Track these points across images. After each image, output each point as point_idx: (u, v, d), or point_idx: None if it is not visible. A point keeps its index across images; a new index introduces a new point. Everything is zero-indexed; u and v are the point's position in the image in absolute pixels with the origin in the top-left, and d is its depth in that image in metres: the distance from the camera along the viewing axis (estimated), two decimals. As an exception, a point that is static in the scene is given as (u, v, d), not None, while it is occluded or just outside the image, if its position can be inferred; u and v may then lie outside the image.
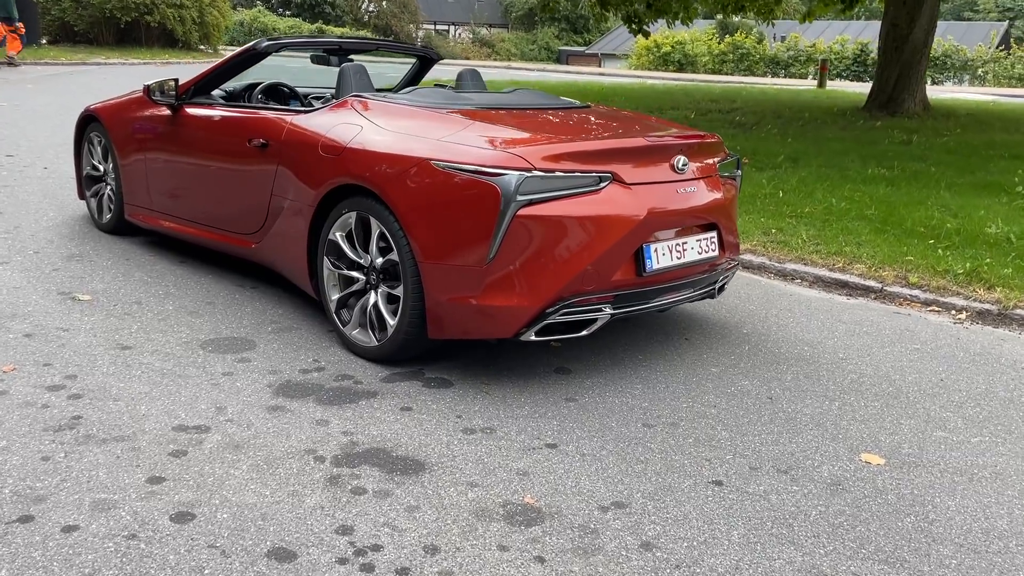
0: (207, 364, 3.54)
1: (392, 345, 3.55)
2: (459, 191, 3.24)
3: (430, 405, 3.28)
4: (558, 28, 62.16)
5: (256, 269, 4.79)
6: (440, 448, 2.94)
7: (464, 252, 3.25)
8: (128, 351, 3.64)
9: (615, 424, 3.19)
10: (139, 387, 3.29)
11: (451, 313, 3.34)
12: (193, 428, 2.98)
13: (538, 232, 3.20)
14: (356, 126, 3.70)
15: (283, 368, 3.55)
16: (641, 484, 2.77)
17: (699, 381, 3.65)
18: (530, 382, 3.54)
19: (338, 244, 3.73)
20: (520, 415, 3.23)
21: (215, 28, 29.52)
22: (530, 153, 3.25)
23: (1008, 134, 10.61)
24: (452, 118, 3.66)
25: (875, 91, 12.56)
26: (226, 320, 4.08)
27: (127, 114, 5.13)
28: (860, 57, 29.30)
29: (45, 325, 3.87)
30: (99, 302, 4.23)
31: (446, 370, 3.62)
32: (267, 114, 4.19)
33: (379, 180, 3.43)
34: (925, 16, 11.88)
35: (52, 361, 3.48)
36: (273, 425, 3.04)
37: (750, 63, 31.39)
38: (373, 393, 3.36)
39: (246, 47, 4.59)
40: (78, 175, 5.80)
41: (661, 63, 32.43)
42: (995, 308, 4.75)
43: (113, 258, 4.99)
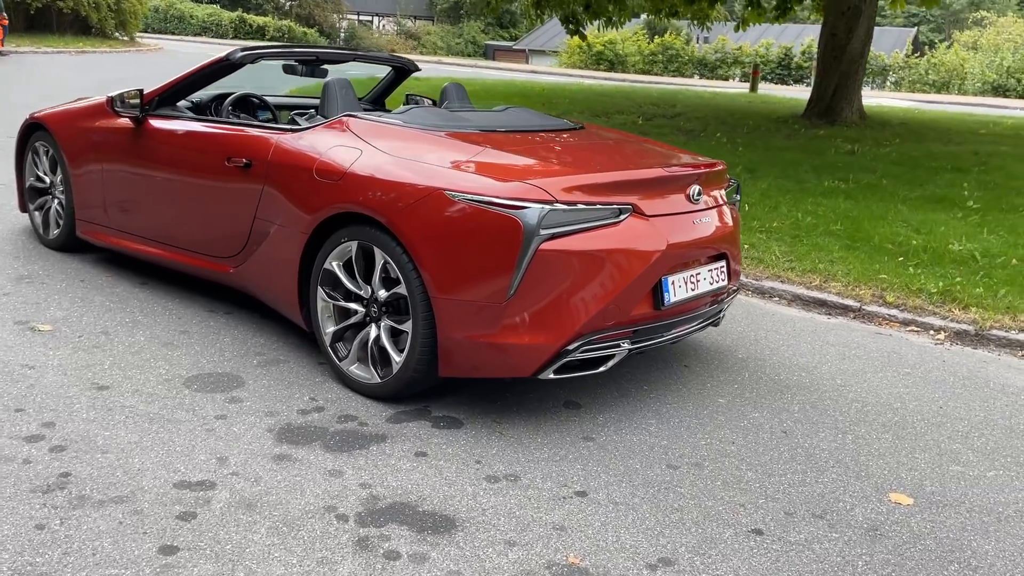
0: (196, 406, 3.29)
1: (397, 383, 3.36)
2: (476, 224, 3.08)
3: (445, 449, 3.11)
4: (484, 22, 61.97)
5: (225, 292, 4.52)
6: (467, 500, 2.78)
7: (482, 287, 3.09)
8: (106, 392, 3.35)
9: (639, 466, 3.09)
10: (127, 435, 3.02)
11: (466, 351, 3.18)
12: (196, 484, 2.75)
13: (560, 267, 3.07)
14: (355, 150, 3.48)
15: (279, 409, 3.33)
16: (682, 536, 2.67)
17: (711, 414, 3.57)
18: (542, 419, 3.40)
19: (335, 274, 3.51)
20: (540, 458, 3.09)
21: (132, 15, 28.39)
22: (550, 184, 3.10)
23: (943, 145, 10.94)
24: (458, 144, 3.48)
25: (814, 99, 12.82)
26: (205, 352, 3.81)
27: (80, 123, 4.77)
28: (784, 61, 30.03)
29: (7, 362, 3.54)
30: (61, 333, 3.91)
31: (453, 407, 3.45)
32: (249, 131, 3.93)
33: (386, 210, 3.24)
34: (862, 27, 12.17)
35: (24, 406, 3.17)
36: (283, 478, 2.83)
37: (679, 64, 31.82)
38: (382, 436, 3.17)
39: (219, 57, 4.31)
40: (19, 186, 5.39)
41: (592, 62, 32.59)
42: (972, 328, 4.84)
43: (67, 280, 4.64)
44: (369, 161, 3.41)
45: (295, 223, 3.61)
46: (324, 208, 3.47)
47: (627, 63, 31.94)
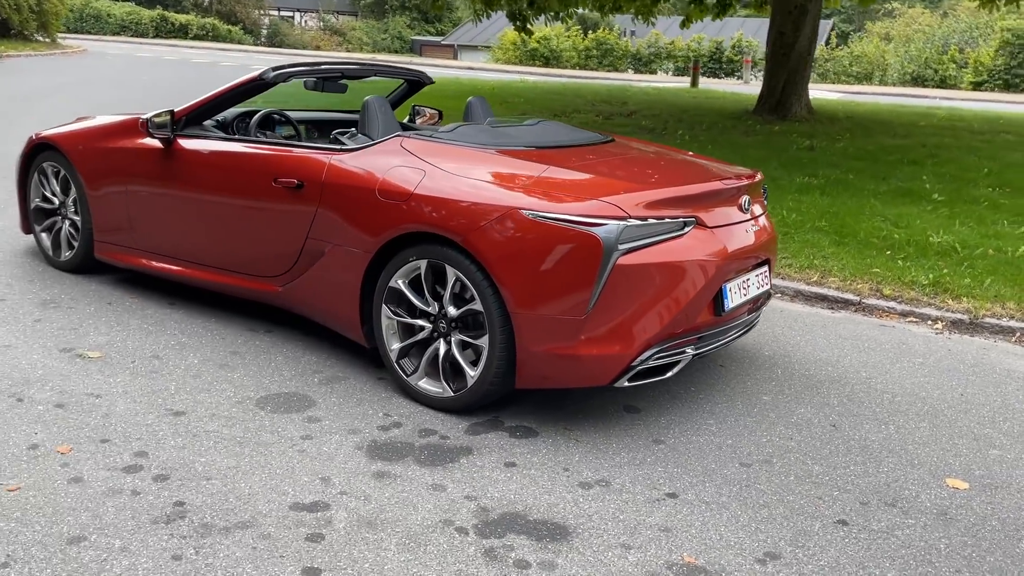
0: (277, 427, 3.34)
1: (472, 395, 3.46)
2: (555, 241, 3.20)
3: (530, 458, 3.23)
4: (409, 17, 61.57)
5: (259, 310, 4.54)
6: (570, 507, 2.91)
7: (562, 302, 3.21)
8: (183, 417, 3.37)
9: (715, 465, 3.26)
10: (223, 460, 3.06)
11: (545, 363, 3.30)
12: (311, 506, 2.81)
13: (636, 279, 3.22)
14: (418, 170, 3.57)
15: (359, 426, 3.40)
16: (777, 531, 2.85)
17: (761, 412, 3.77)
18: (608, 424, 3.55)
19: (401, 292, 3.59)
20: (621, 463, 3.24)
21: (54, 16, 27.37)
22: (623, 201, 3.25)
23: (891, 138, 11.46)
24: (519, 163, 3.60)
25: (764, 95, 13.26)
26: (264, 373, 3.85)
27: (99, 144, 4.71)
28: (716, 55, 30.78)
29: (71, 391, 3.52)
30: (112, 359, 3.88)
31: (522, 417, 3.57)
32: (297, 151, 3.96)
33: (461, 229, 3.33)
34: (808, 26, 12.64)
35: (108, 436, 3.17)
36: (391, 495, 2.91)
37: (613, 59, 32.29)
38: (467, 449, 3.28)
39: (251, 76, 4.32)
40: (23, 208, 5.28)
41: (527, 58, 32.81)
42: (967, 318, 5.17)
43: (94, 303, 4.58)
44: (436, 181, 3.49)
45: (357, 243, 3.67)
46: (390, 228, 3.54)
47: (562, 59, 32.26)
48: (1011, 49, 27.75)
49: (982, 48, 29.55)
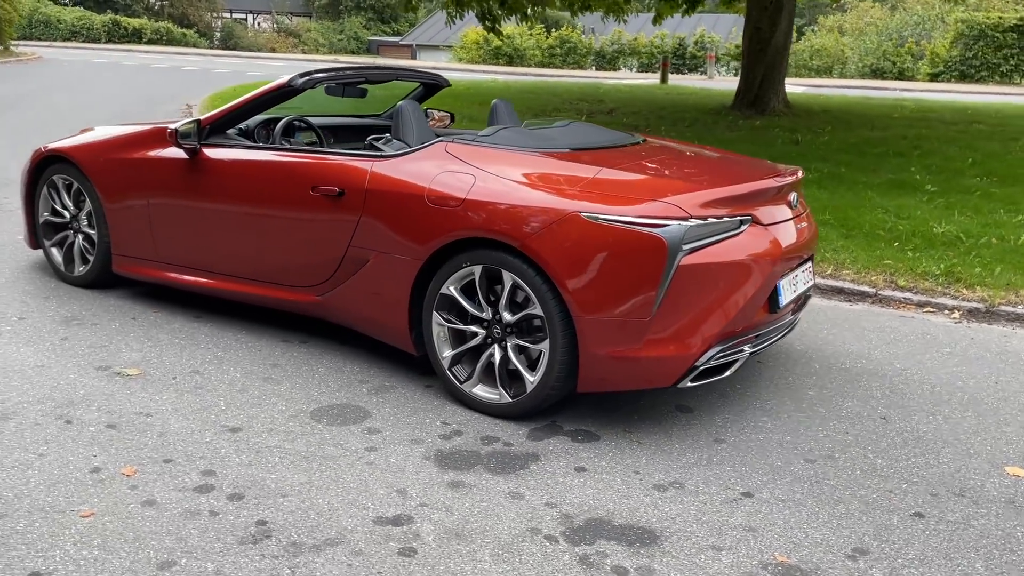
0: (339, 440, 3.28)
1: (531, 401, 3.44)
2: (618, 244, 3.19)
3: (599, 463, 3.22)
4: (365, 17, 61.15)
5: (288, 320, 4.47)
6: (651, 511, 2.90)
7: (626, 304, 3.20)
8: (241, 433, 3.30)
9: (780, 463, 3.28)
10: (294, 476, 3.00)
11: (609, 366, 3.29)
12: (395, 519, 2.76)
13: (698, 279, 3.22)
14: (467, 175, 3.53)
15: (421, 436, 3.35)
16: (858, 526, 2.87)
17: (810, 407, 3.80)
18: (665, 425, 3.55)
19: (453, 298, 3.55)
20: (689, 463, 3.24)
21: (7, 23, 26.67)
22: (683, 201, 3.25)
23: (870, 131, 11.64)
24: (568, 165, 3.58)
25: (742, 91, 13.39)
26: (310, 385, 3.78)
27: (116, 155, 4.59)
28: (679, 51, 31.03)
29: (119, 411, 3.42)
30: (152, 375, 3.79)
31: (578, 420, 3.56)
32: (335, 159, 3.90)
33: (518, 234, 3.30)
34: (784, 21, 12.79)
35: (170, 456, 3.09)
36: (470, 504, 2.88)
37: (577, 57, 32.39)
38: (533, 455, 3.25)
39: (279, 83, 4.24)
40: (29, 222, 5.12)
41: (491, 57, 32.76)
42: (982, 306, 5.27)
43: (117, 318, 4.47)
44: (488, 186, 3.46)
45: (405, 250, 3.62)
46: (442, 235, 3.50)
47: (526, 57, 32.28)
48: (966, 41, 28.39)
49: (937, 40, 30.20)
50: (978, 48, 28.33)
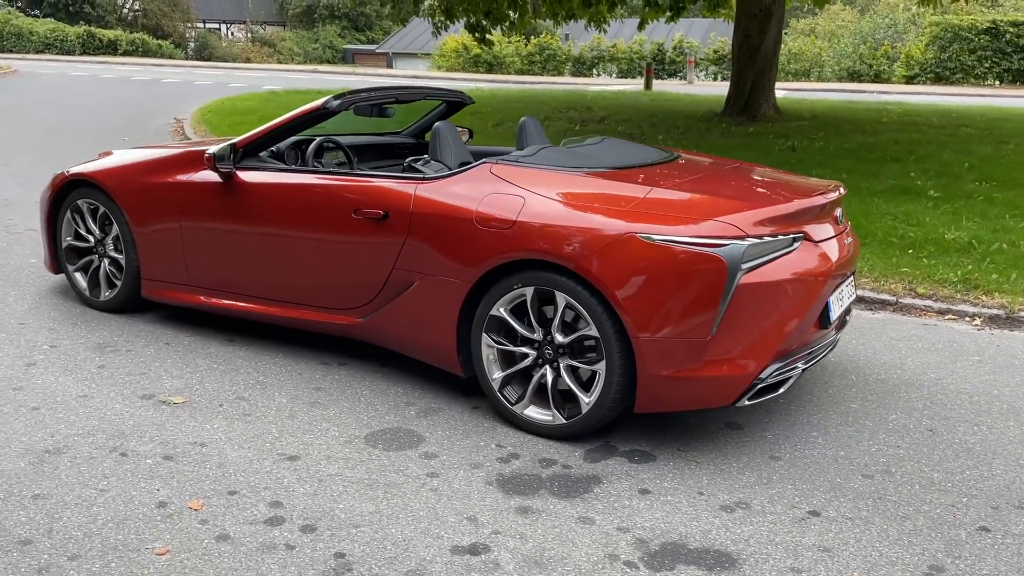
0: (398, 466, 3.26)
1: (586, 422, 3.44)
2: (677, 264, 3.20)
3: (661, 484, 3.22)
4: (340, 26, 61.02)
5: (325, 343, 4.44)
6: (724, 533, 2.91)
7: (685, 324, 3.21)
8: (299, 461, 3.27)
9: (839, 479, 3.30)
10: (362, 505, 2.97)
11: (668, 386, 3.29)
12: (471, 548, 2.75)
13: (756, 298, 3.24)
14: (516, 197, 3.53)
15: (479, 460, 3.34)
16: (929, 543, 2.88)
17: (856, 420, 3.83)
18: (718, 443, 3.56)
19: (503, 320, 3.55)
20: (750, 483, 3.25)
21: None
22: (739, 220, 3.27)
23: (862, 136, 11.77)
24: (617, 184, 3.59)
25: (732, 97, 13.48)
26: (357, 409, 3.76)
27: (147, 179, 4.54)
28: (658, 56, 31.19)
29: (172, 441, 3.38)
30: (197, 403, 3.75)
31: (631, 440, 3.56)
32: (380, 182, 3.88)
33: (573, 256, 3.31)
34: (774, 28, 12.91)
35: (234, 487, 3.06)
36: (543, 531, 2.87)
37: (557, 64, 32.46)
38: (595, 478, 3.25)
39: (315, 105, 4.21)
40: (50, 247, 5.05)
41: (470, 65, 32.76)
42: (1003, 313, 5.33)
43: (150, 344, 4.42)
44: (538, 208, 3.46)
45: (453, 272, 3.61)
46: (492, 257, 3.49)
47: (506, 64, 32.30)
48: (940, 43, 28.77)
49: (912, 43, 30.59)
50: (953, 50, 28.73)
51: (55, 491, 2.99)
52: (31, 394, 3.77)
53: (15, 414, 3.57)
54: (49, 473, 3.10)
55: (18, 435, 3.38)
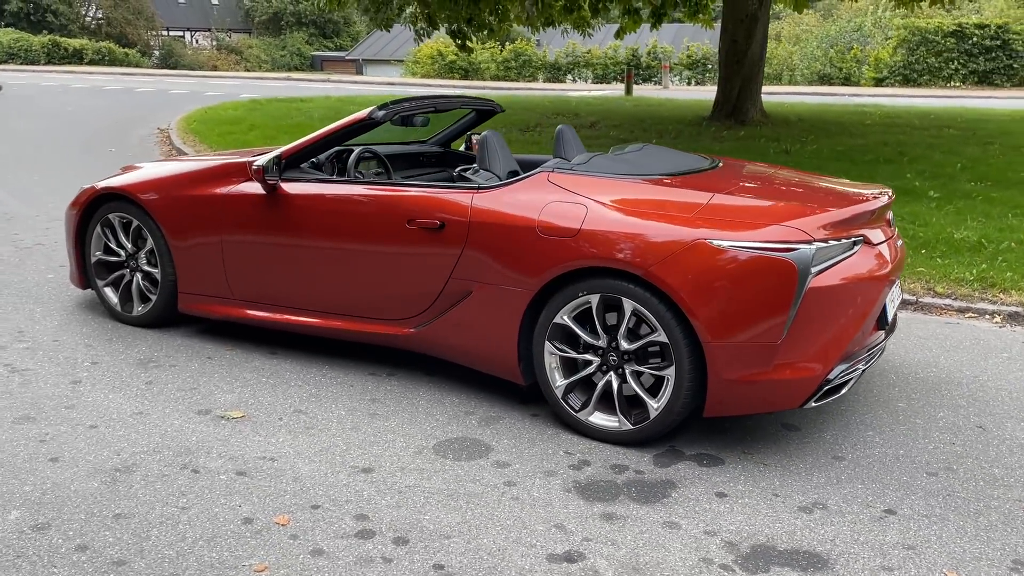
0: (475, 476, 3.26)
1: (654, 427, 3.47)
2: (748, 269, 3.24)
3: (735, 487, 3.26)
4: (307, 33, 60.72)
5: (369, 353, 4.42)
6: (809, 534, 2.94)
7: (756, 329, 3.25)
8: (373, 474, 3.26)
9: (906, 478, 3.36)
10: (448, 516, 2.97)
11: (738, 390, 3.33)
12: (566, 556, 2.76)
13: (825, 301, 3.29)
14: (579, 205, 3.55)
15: (552, 468, 3.35)
16: (1008, 537, 2.95)
17: (907, 418, 3.90)
18: (780, 444, 3.61)
19: (567, 327, 3.57)
20: (821, 483, 3.30)
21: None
22: (806, 225, 3.32)
23: (850, 138, 11.97)
24: (677, 191, 3.63)
25: (720, 102, 13.63)
26: (418, 419, 3.75)
27: (184, 192, 4.49)
28: (632, 61, 31.43)
29: (241, 457, 3.35)
30: (256, 417, 3.72)
31: (695, 444, 3.59)
32: (435, 193, 3.88)
33: (643, 263, 3.33)
34: (760, 33, 13.09)
35: (316, 502, 3.04)
36: (633, 537, 2.89)
37: (532, 70, 32.59)
38: (669, 482, 3.28)
39: (360, 116, 4.19)
40: (79, 262, 4.97)
41: (446, 71, 32.77)
42: (1021, 310, 5.46)
43: (193, 359, 4.37)
44: (602, 215, 3.49)
45: (515, 282, 3.62)
46: (557, 265, 3.51)
47: (481, 71, 32.36)
48: (908, 46, 29.35)
49: (881, 46, 31.15)
50: (920, 53, 29.31)
51: (136, 510, 2.95)
52: (85, 412, 3.71)
53: (73, 433, 3.52)
54: (125, 492, 3.06)
55: (83, 454, 3.33)
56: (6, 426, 3.56)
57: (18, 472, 3.18)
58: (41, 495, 3.03)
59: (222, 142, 11.94)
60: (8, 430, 3.52)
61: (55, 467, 3.23)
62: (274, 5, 61.22)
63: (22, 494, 3.03)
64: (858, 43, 32.43)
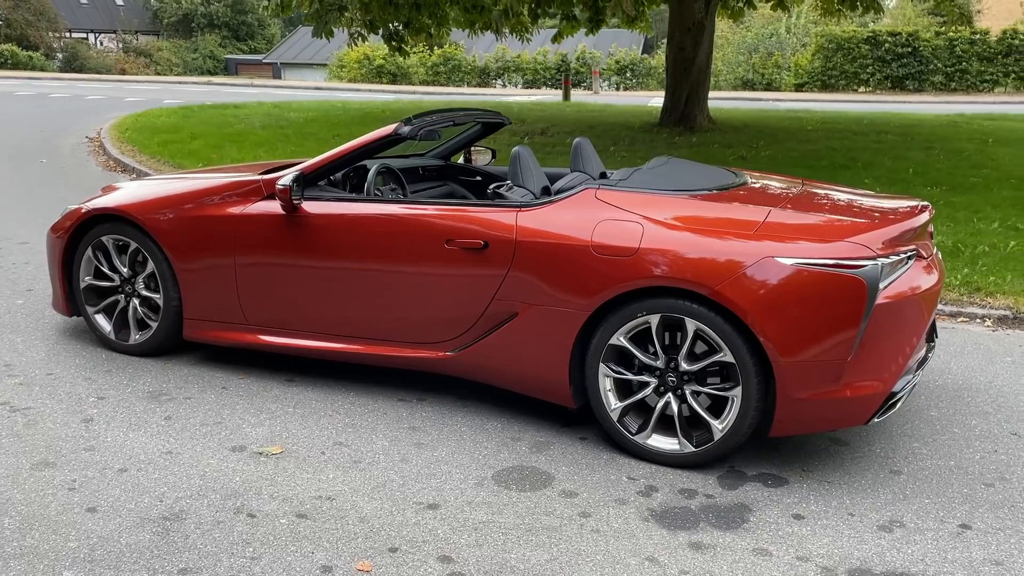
0: (546, 508, 3.14)
1: (718, 449, 3.41)
2: (817, 286, 3.21)
3: (808, 507, 3.22)
4: (220, 35, 59.16)
5: (391, 377, 4.25)
6: (897, 554, 2.92)
7: (826, 346, 3.22)
8: (441, 510, 3.10)
9: (967, 489, 3.38)
10: (533, 553, 2.84)
11: (807, 409, 3.30)
12: (670, 591, 2.68)
13: (890, 316, 3.28)
14: (633, 223, 3.46)
15: (621, 495, 3.26)
16: (1082, 547, 3.01)
17: (944, 428, 3.94)
18: (836, 461, 3.59)
19: (623, 348, 3.48)
20: (890, 500, 3.28)
21: None
22: (869, 241, 3.31)
23: (799, 143, 12.23)
24: (731, 207, 3.59)
25: (668, 108, 13.78)
26: (466, 448, 3.60)
27: (190, 212, 4.23)
28: (561, 67, 31.63)
29: (296, 498, 3.15)
30: (297, 452, 3.51)
31: (751, 464, 3.55)
32: (475, 211, 3.74)
33: (707, 282, 3.27)
34: (706, 41, 13.28)
35: (393, 544, 2.87)
36: (728, 567, 2.81)
37: (462, 74, 32.43)
38: (743, 506, 3.22)
39: (386, 132, 4.02)
40: (63, 288, 4.63)
41: (374, 75, 32.31)
42: (1009, 313, 5.63)
43: (207, 390, 4.12)
44: (660, 234, 3.41)
45: (566, 303, 3.51)
46: (614, 285, 3.42)
47: (410, 75, 32.03)
48: (825, 52, 30.38)
49: (800, 52, 32.16)
50: (836, 59, 30.36)
51: (202, 563, 2.73)
52: (108, 454, 3.44)
53: (103, 478, 3.25)
54: (182, 543, 2.83)
55: (122, 502, 3.08)
56: (25, 473, 3.26)
57: (57, 527, 2.91)
58: (90, 551, 2.77)
59: (165, 152, 11.45)
60: (29, 477, 3.23)
61: (95, 518, 2.97)
62: (184, 6, 59.39)
63: (68, 552, 2.77)
64: (777, 49, 33.40)
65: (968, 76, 29.41)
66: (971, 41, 29.27)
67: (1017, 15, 30.99)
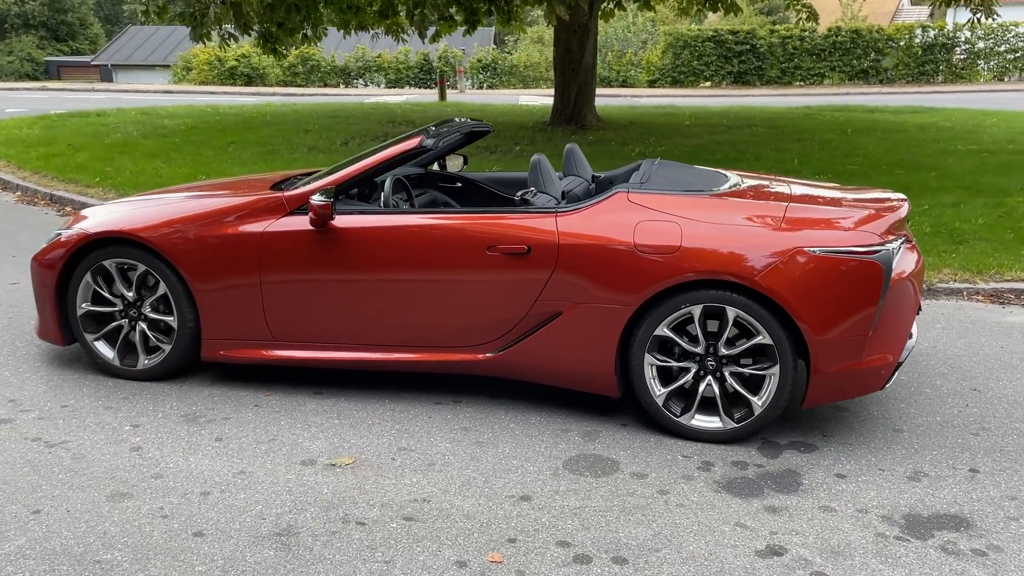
0: (629, 490, 3.39)
1: (757, 423, 3.78)
2: (843, 271, 3.63)
3: (845, 467, 3.63)
4: (37, 36, 55.29)
5: (409, 381, 4.38)
6: (933, 499, 3.36)
7: (852, 324, 3.65)
8: (534, 500, 3.30)
9: (960, 439, 3.89)
10: (638, 530, 3.10)
11: (835, 381, 3.72)
12: (770, 551, 2.99)
13: (900, 294, 3.75)
14: (669, 223, 3.77)
15: (686, 472, 3.56)
16: (1071, 478, 3.57)
17: (918, 388, 4.48)
18: (845, 425, 4.04)
19: (668, 339, 3.79)
20: (907, 454, 3.74)
21: None
22: (877, 228, 3.77)
23: (687, 139, 12.98)
24: (753, 204, 3.95)
25: (558, 107, 14.24)
26: (523, 442, 3.81)
27: (206, 231, 4.18)
28: (424, 67, 31.68)
29: (393, 503, 3.26)
30: (368, 460, 3.61)
31: (778, 434, 3.94)
32: (514, 218, 3.93)
33: (749, 273, 3.62)
34: (591, 42, 13.83)
35: (510, 535, 3.04)
36: (806, 524, 3.17)
37: (321, 75, 31.85)
38: (792, 472, 3.59)
39: (410, 145, 4.14)
40: (56, 316, 4.45)
41: (227, 77, 31.22)
42: (924, 286, 6.35)
43: (240, 409, 4.11)
44: (699, 231, 3.73)
45: (613, 300, 3.78)
46: (659, 281, 3.71)
47: (266, 76, 31.15)
48: (674, 50, 31.97)
49: (651, 50, 33.66)
50: (684, 56, 32.02)
51: (341, 571, 2.81)
52: (180, 479, 3.41)
53: (189, 503, 3.23)
54: (309, 556, 2.90)
55: (226, 524, 3.09)
56: (106, 506, 3.20)
57: (175, 554, 2.90)
58: (223, 574, 2.80)
59: (49, 167, 10.79)
60: (112, 510, 3.17)
61: (208, 542, 2.98)
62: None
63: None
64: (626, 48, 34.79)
65: (800, 71, 31.74)
66: (800, 38, 31.59)
67: (837, 12, 33.70)
